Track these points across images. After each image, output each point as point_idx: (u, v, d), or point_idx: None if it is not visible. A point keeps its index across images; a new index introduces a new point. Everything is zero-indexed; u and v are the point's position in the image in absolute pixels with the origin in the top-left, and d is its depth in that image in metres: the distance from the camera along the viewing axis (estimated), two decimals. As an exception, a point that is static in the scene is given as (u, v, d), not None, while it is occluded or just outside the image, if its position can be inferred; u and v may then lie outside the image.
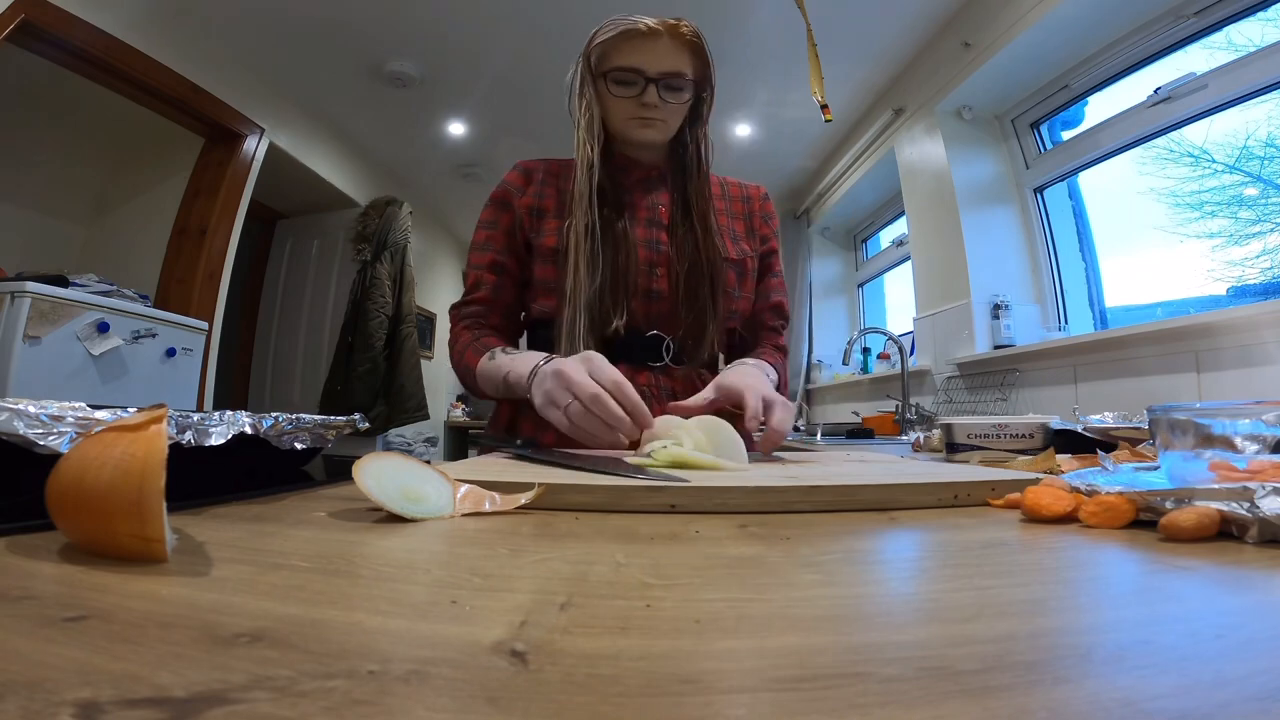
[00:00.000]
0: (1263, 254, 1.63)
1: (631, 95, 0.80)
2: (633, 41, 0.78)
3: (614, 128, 0.85)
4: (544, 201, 0.87)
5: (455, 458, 1.98)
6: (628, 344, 0.83)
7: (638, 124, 0.82)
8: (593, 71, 0.82)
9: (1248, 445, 0.33)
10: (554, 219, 0.85)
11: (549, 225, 0.85)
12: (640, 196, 0.87)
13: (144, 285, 2.32)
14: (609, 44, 0.80)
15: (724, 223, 0.90)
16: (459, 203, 4.32)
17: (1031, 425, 0.73)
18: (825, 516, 0.36)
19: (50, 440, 0.29)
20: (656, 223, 0.86)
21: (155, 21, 2.17)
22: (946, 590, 0.22)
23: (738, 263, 0.89)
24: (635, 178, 0.88)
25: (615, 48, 0.79)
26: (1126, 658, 0.15)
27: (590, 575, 0.23)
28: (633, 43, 0.78)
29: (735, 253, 0.89)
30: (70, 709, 0.11)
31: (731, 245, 0.89)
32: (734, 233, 0.91)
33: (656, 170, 0.89)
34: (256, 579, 0.21)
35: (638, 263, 0.83)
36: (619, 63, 0.79)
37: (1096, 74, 1.99)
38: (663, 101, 0.80)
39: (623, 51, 0.79)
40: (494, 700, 0.12)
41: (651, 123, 0.81)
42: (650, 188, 0.88)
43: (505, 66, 2.69)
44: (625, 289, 0.81)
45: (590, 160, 0.81)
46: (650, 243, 0.85)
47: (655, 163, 0.89)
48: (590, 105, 0.83)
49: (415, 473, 0.35)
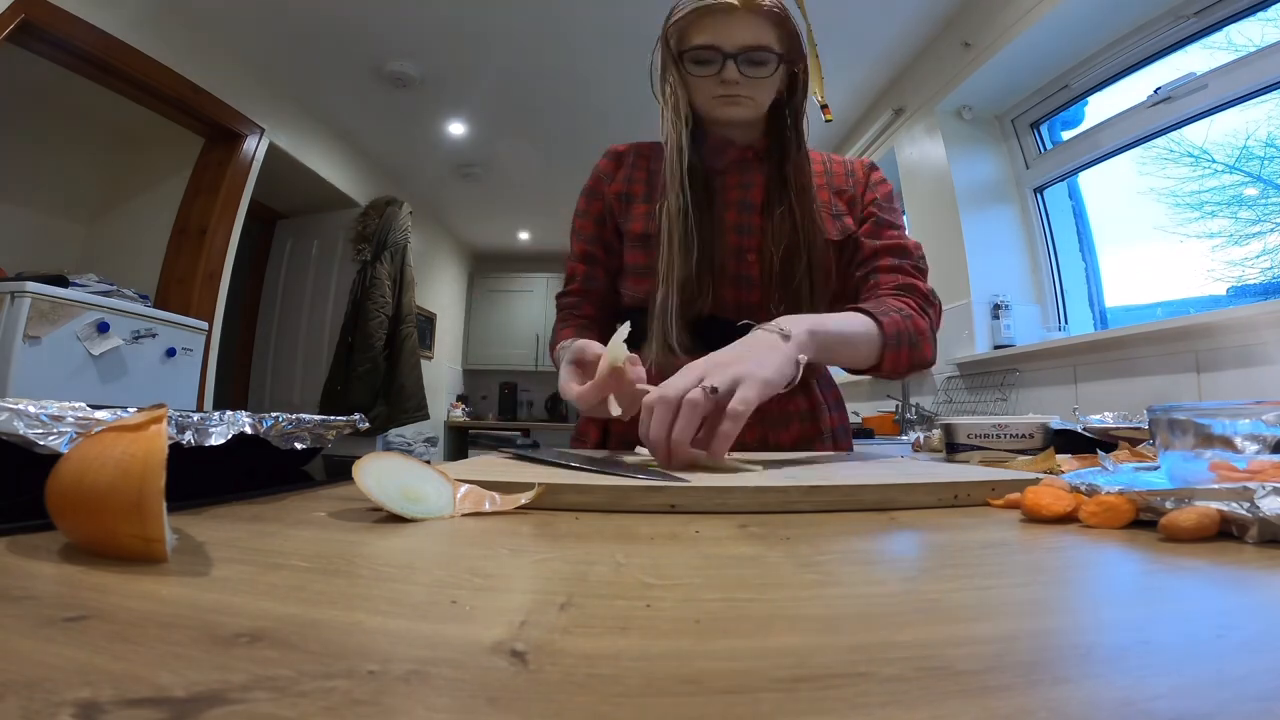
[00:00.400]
0: (1263, 254, 1.63)
1: (711, 74, 0.76)
2: (708, 18, 0.74)
3: (699, 108, 0.80)
4: (633, 187, 0.85)
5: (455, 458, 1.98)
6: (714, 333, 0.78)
7: (721, 103, 0.77)
8: (672, 52, 0.78)
9: (1248, 445, 0.33)
10: (642, 204, 0.84)
11: (637, 210, 0.84)
12: (733, 178, 0.83)
13: (144, 285, 2.32)
14: (684, 22, 0.75)
15: (825, 198, 0.84)
16: (459, 203, 4.33)
17: (1031, 425, 0.73)
18: (825, 516, 0.36)
19: (50, 440, 0.29)
20: (749, 205, 0.81)
21: (155, 21, 2.17)
22: (946, 590, 0.22)
23: (840, 244, 0.83)
24: (730, 159, 0.83)
25: (691, 25, 0.75)
26: (1126, 658, 0.15)
27: (590, 575, 0.23)
28: (708, 19, 0.74)
29: (837, 232, 0.82)
30: (70, 709, 0.11)
31: (833, 224, 0.82)
32: (836, 209, 0.84)
33: (752, 150, 0.84)
34: (256, 579, 0.21)
35: (727, 247, 0.79)
36: (695, 41, 0.75)
37: (1096, 74, 1.99)
38: (744, 78, 0.75)
39: (699, 29, 0.75)
40: (494, 700, 0.12)
41: (736, 100, 0.77)
42: (745, 168, 0.83)
43: (505, 66, 2.69)
44: (713, 274, 0.78)
45: (679, 143, 0.77)
46: (741, 227, 0.81)
47: (750, 142, 0.84)
48: (675, 87, 0.79)
49: (415, 473, 0.35)
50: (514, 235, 5.11)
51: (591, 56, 2.61)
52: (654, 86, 0.83)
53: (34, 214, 2.50)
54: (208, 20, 2.34)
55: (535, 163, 3.62)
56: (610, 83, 2.76)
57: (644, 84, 0.85)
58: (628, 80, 2.74)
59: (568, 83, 2.82)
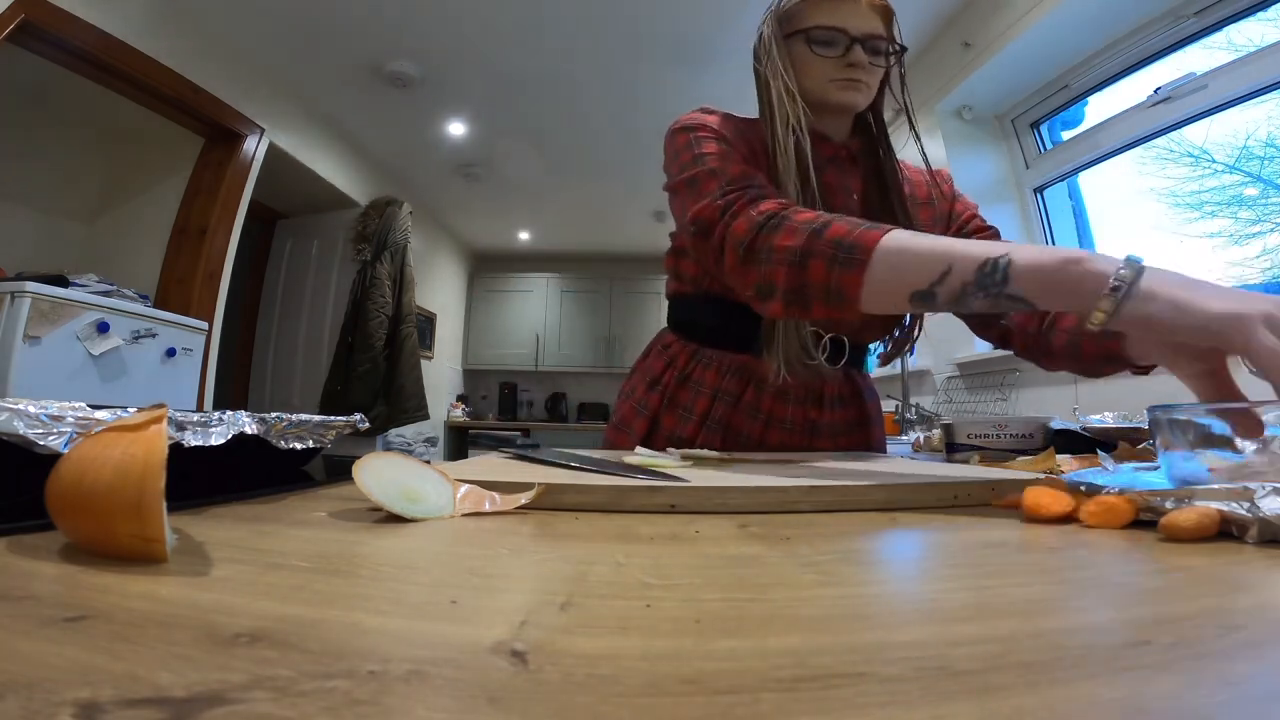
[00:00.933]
0: (1263, 254, 1.63)
1: (834, 55, 0.72)
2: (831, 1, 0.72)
3: (810, 91, 0.75)
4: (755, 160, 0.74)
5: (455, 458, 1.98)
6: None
7: (840, 85, 0.73)
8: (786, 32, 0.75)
9: (1248, 445, 0.33)
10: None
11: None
12: (833, 178, 0.78)
13: (144, 285, 2.32)
14: (806, 2, 0.73)
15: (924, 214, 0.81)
16: (459, 203, 4.33)
17: (1031, 425, 0.73)
18: (825, 516, 0.36)
19: (50, 440, 0.29)
20: (850, 210, 0.76)
21: (155, 21, 2.17)
22: (946, 590, 0.22)
23: None
24: (824, 155, 0.77)
25: (814, 6, 0.73)
26: (1126, 658, 0.15)
27: (590, 575, 0.23)
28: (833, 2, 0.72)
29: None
30: (70, 709, 0.11)
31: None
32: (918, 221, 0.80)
33: (845, 150, 0.80)
34: (256, 579, 0.21)
35: None
36: (819, 21, 0.72)
37: (1096, 74, 1.99)
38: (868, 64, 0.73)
39: (823, 10, 0.72)
40: (494, 700, 0.12)
41: (857, 85, 0.73)
42: (841, 167, 0.79)
43: (505, 66, 2.69)
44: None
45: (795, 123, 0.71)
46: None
47: (844, 140, 0.81)
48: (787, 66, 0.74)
49: (415, 473, 0.35)
50: (514, 235, 5.11)
51: (592, 57, 2.61)
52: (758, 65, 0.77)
53: (34, 214, 2.50)
54: (208, 20, 2.34)
55: (535, 163, 3.62)
56: (610, 83, 2.75)
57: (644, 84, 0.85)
58: (628, 80, 2.74)
59: (568, 83, 2.81)
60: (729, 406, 0.79)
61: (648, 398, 0.84)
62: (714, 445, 0.79)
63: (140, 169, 2.67)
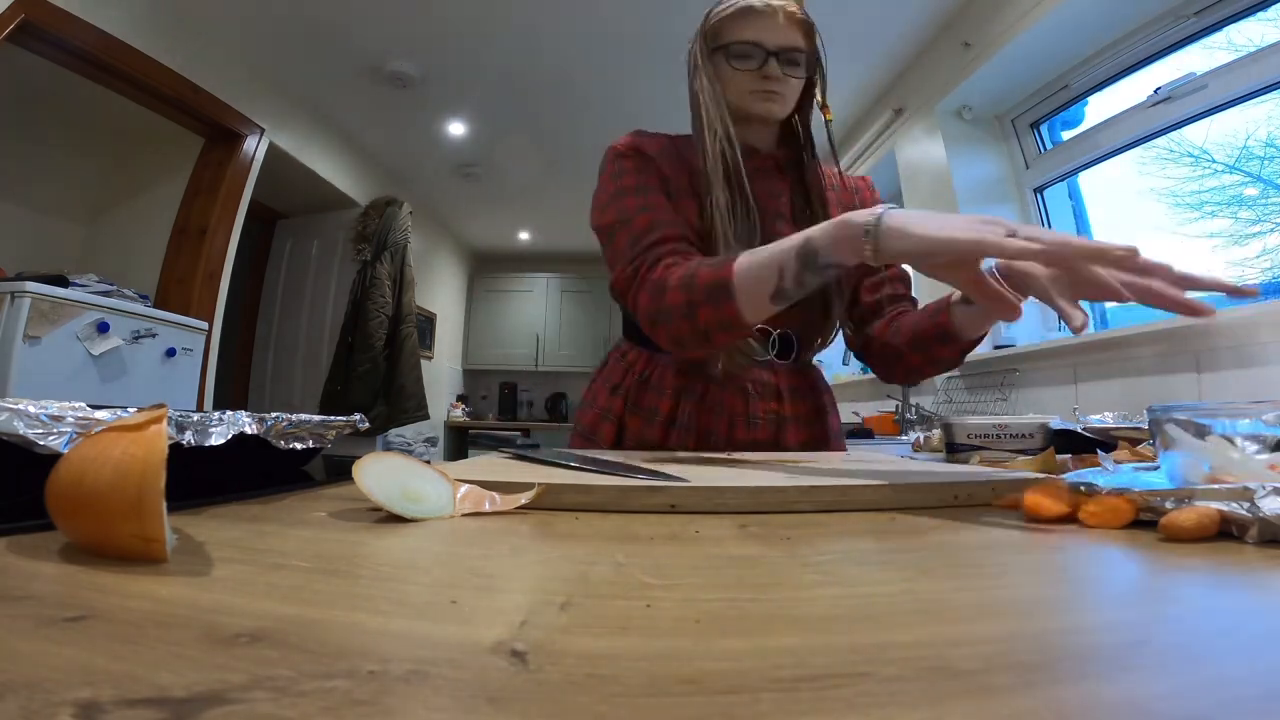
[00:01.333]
0: (1263, 254, 1.63)
1: (751, 68, 0.77)
2: (750, 16, 0.77)
3: (732, 103, 0.80)
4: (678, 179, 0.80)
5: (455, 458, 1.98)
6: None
7: (758, 97, 0.79)
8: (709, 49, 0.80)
9: (1248, 445, 0.33)
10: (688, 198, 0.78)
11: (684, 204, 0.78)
12: (763, 184, 0.82)
13: (144, 285, 2.32)
14: (726, 20, 0.78)
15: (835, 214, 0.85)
16: (459, 203, 4.33)
17: (1031, 425, 0.73)
18: (825, 516, 0.36)
19: (50, 440, 0.29)
20: (780, 215, 0.83)
21: (155, 21, 2.17)
22: (946, 590, 0.22)
23: None
24: (752, 165, 0.82)
25: (733, 22, 0.78)
26: (1126, 658, 0.15)
27: (590, 575, 0.23)
28: (749, 18, 0.77)
29: None
30: (70, 709, 0.11)
31: None
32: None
33: (772, 159, 0.85)
34: (256, 579, 0.21)
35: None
36: (737, 36, 0.78)
37: (1096, 74, 1.99)
38: (783, 75, 0.78)
39: (740, 26, 0.78)
40: (494, 700, 0.12)
41: (772, 96, 0.79)
42: (767, 177, 0.84)
43: (505, 66, 2.69)
44: None
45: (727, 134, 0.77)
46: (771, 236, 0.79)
47: (770, 150, 0.86)
48: (712, 82, 0.80)
49: (415, 473, 0.35)
50: (514, 235, 5.11)
51: (591, 56, 2.61)
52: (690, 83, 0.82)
53: (34, 214, 2.50)
54: (208, 20, 2.34)
55: (535, 163, 3.62)
56: (610, 82, 2.76)
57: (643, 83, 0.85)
58: (627, 80, 2.74)
59: (568, 83, 2.81)
60: (694, 405, 0.82)
61: (611, 403, 0.86)
62: (687, 446, 0.81)
63: (140, 169, 2.67)
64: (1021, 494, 0.35)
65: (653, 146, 0.81)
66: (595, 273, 5.21)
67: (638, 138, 0.83)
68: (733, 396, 0.82)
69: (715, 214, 0.75)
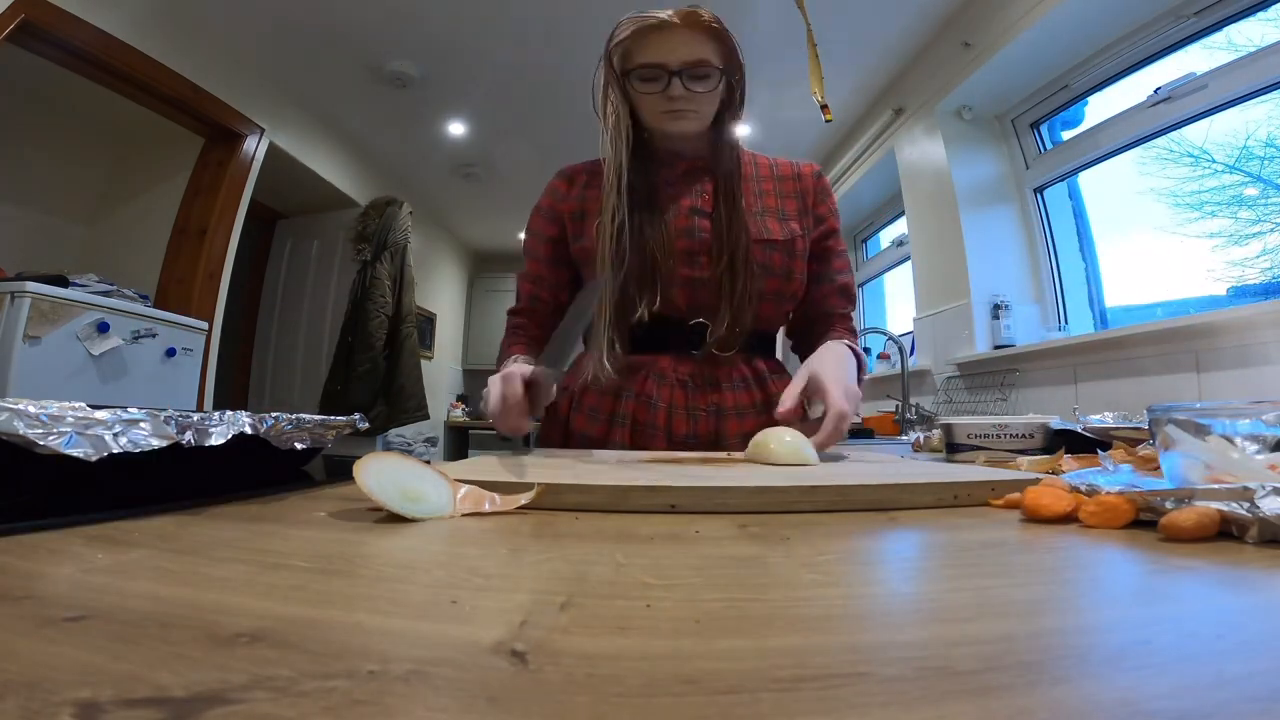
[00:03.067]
0: (1263, 254, 1.63)
1: (657, 90, 0.79)
2: (650, 36, 0.77)
3: (648, 124, 0.84)
4: (586, 205, 0.88)
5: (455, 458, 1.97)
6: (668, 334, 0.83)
7: (668, 118, 0.81)
8: (617, 71, 0.82)
9: (1248, 445, 0.33)
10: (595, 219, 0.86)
11: (589, 227, 0.86)
12: (684, 187, 0.87)
13: (144, 285, 2.32)
14: (628, 42, 0.79)
15: (772, 204, 0.88)
16: (459, 203, 4.33)
17: (1032, 425, 0.73)
18: (825, 516, 0.36)
19: (50, 440, 0.29)
20: (701, 211, 0.85)
21: (155, 21, 2.17)
22: (946, 590, 0.22)
23: (785, 243, 0.86)
24: (680, 170, 0.87)
25: (635, 44, 0.79)
26: (1126, 658, 0.15)
27: (590, 575, 0.23)
28: (651, 37, 0.78)
29: (782, 233, 0.86)
30: (70, 709, 0.11)
31: (778, 225, 0.86)
32: (783, 212, 0.88)
33: (701, 160, 0.88)
34: (256, 579, 0.21)
35: (676, 253, 0.82)
36: (640, 60, 0.79)
37: (1096, 74, 1.99)
38: (689, 92, 0.79)
39: (642, 48, 0.78)
40: (494, 700, 0.12)
41: (682, 114, 0.81)
42: (695, 178, 0.87)
43: (505, 66, 2.69)
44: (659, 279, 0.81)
45: (618, 162, 0.81)
46: (691, 231, 0.84)
47: (698, 153, 0.88)
48: (617, 106, 0.82)
49: (415, 473, 0.35)
50: (514, 235, 5.11)
51: (591, 56, 2.60)
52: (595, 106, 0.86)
53: (34, 214, 2.50)
54: (208, 20, 2.34)
55: (535, 163, 3.61)
56: (610, 83, 2.75)
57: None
58: (628, 80, 2.74)
59: (568, 83, 2.81)
60: (633, 402, 0.84)
61: (557, 404, 0.90)
62: (625, 441, 0.83)
63: (140, 169, 2.67)
64: (1021, 494, 0.35)
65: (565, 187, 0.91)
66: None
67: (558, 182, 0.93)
68: (669, 390, 0.84)
69: (599, 237, 0.81)
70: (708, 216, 0.85)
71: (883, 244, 3.37)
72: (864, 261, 3.63)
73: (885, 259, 3.32)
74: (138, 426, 0.33)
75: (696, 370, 0.84)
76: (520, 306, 0.93)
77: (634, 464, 0.54)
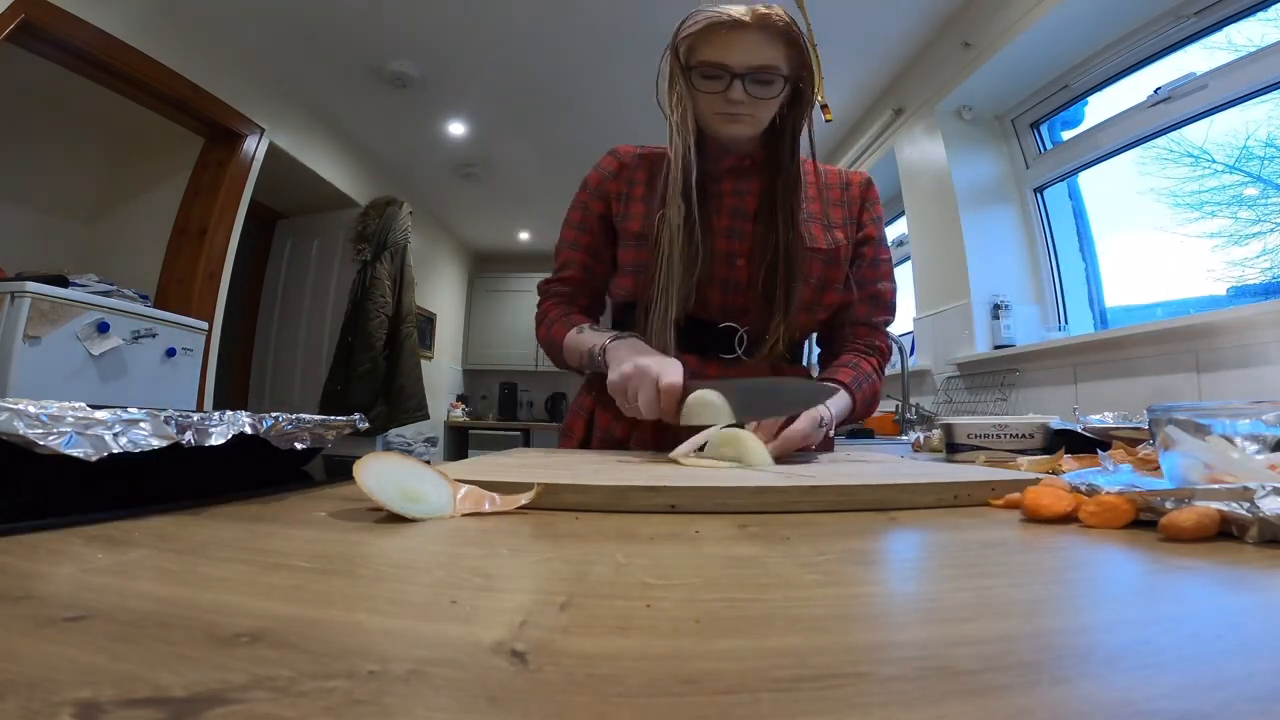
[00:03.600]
0: (1263, 254, 1.63)
1: (717, 90, 0.76)
2: (719, 34, 0.74)
3: (701, 121, 0.82)
4: (634, 188, 0.87)
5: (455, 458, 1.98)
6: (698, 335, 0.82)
7: (723, 119, 0.79)
8: (682, 64, 0.79)
9: (1248, 445, 0.33)
10: (641, 204, 0.85)
11: (635, 209, 0.85)
12: (729, 184, 0.85)
13: (144, 285, 2.32)
14: (696, 37, 0.76)
15: (816, 209, 0.86)
16: (459, 203, 4.33)
17: (1032, 425, 0.73)
18: (825, 516, 0.36)
19: (50, 440, 0.29)
20: (742, 212, 0.84)
21: (155, 21, 2.17)
22: (946, 590, 0.22)
23: (828, 252, 0.84)
24: (727, 165, 0.85)
25: (702, 40, 0.75)
26: (1126, 658, 0.15)
27: (590, 575, 0.23)
28: (719, 35, 0.74)
29: (825, 241, 0.84)
30: (70, 709, 0.11)
31: (822, 233, 0.85)
32: (828, 220, 0.86)
33: (750, 159, 0.86)
34: (256, 579, 0.21)
35: (716, 253, 0.81)
36: (705, 57, 0.76)
37: (1096, 74, 1.99)
38: (750, 97, 0.76)
39: (709, 44, 0.75)
40: (494, 700, 0.12)
41: (738, 118, 0.78)
42: (741, 175, 0.85)
43: (505, 66, 2.69)
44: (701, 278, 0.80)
45: (686, 155, 0.79)
46: (732, 232, 0.83)
47: (750, 151, 0.86)
48: (682, 98, 0.80)
49: (415, 473, 0.35)
50: (514, 235, 5.11)
51: (591, 57, 2.61)
52: (659, 95, 0.83)
53: (34, 214, 2.50)
54: (208, 20, 2.34)
55: (535, 163, 3.62)
56: (610, 83, 2.76)
57: (643, 84, 0.85)
58: (627, 80, 2.74)
59: (568, 83, 2.82)
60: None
61: (583, 399, 0.92)
62: (647, 439, 0.83)
63: (140, 169, 2.67)
64: (1021, 494, 0.35)
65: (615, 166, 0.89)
66: (595, 273, 5.21)
67: (609, 160, 0.90)
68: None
69: (664, 231, 0.79)
70: (751, 219, 0.83)
71: (883, 244, 3.37)
72: (864, 261, 3.63)
73: (885, 259, 3.32)
74: (138, 426, 0.33)
75: (722, 372, 0.83)
76: (569, 275, 0.90)
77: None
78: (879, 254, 0.91)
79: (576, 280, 0.90)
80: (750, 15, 0.73)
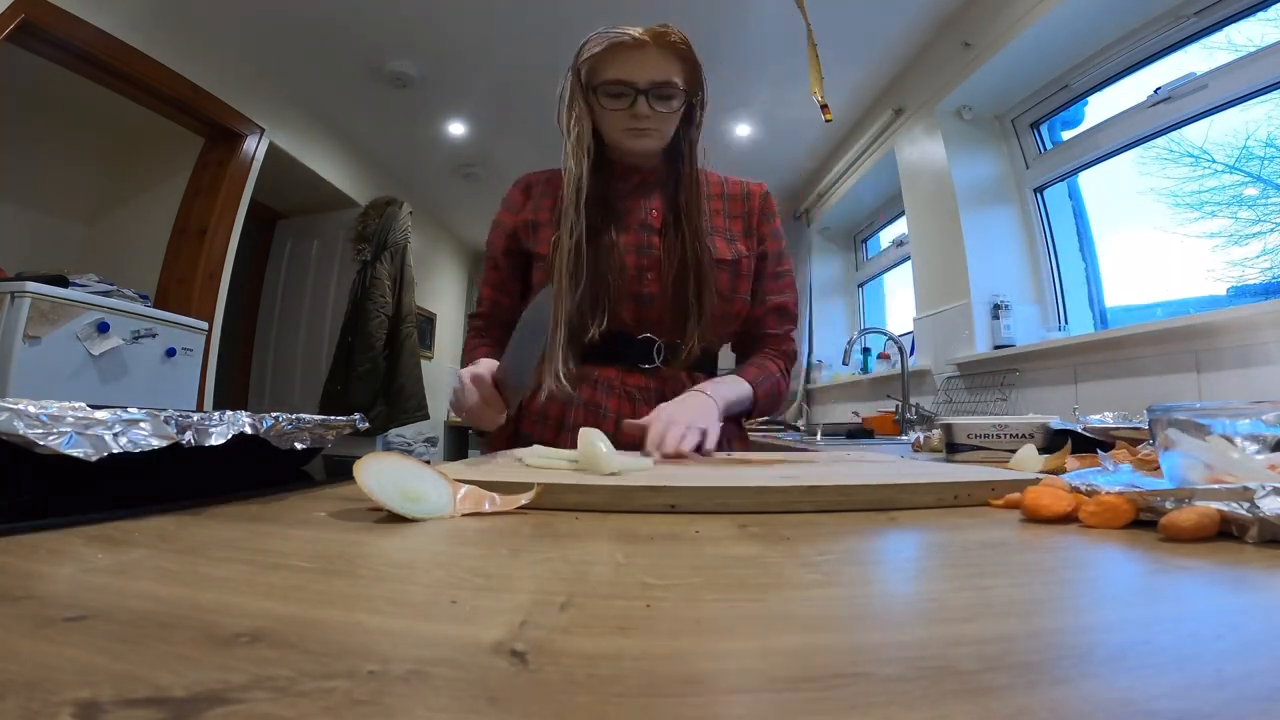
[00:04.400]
0: (1263, 254, 1.63)
1: (622, 107, 0.81)
2: (621, 53, 0.79)
3: (608, 139, 0.86)
4: (539, 214, 0.90)
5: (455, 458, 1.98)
6: (616, 348, 0.85)
7: (631, 135, 0.83)
8: (583, 85, 0.83)
9: (1248, 445, 0.33)
10: (548, 228, 0.88)
11: (544, 234, 0.88)
12: (634, 202, 0.88)
13: (144, 285, 2.32)
14: (598, 57, 0.80)
15: (720, 223, 0.90)
16: (459, 203, 4.32)
17: (1032, 425, 0.73)
18: (825, 516, 0.36)
19: (50, 440, 0.29)
20: (648, 227, 0.87)
21: (155, 21, 2.17)
22: (946, 590, 0.22)
23: (731, 263, 0.88)
24: (632, 183, 0.89)
25: (604, 60, 0.80)
26: (1126, 658, 0.15)
27: (590, 575, 0.23)
28: (621, 54, 0.79)
29: (729, 253, 0.88)
30: (70, 709, 0.11)
31: (725, 245, 0.89)
32: (730, 233, 0.91)
33: (653, 175, 0.90)
34: (256, 579, 0.21)
35: (626, 269, 0.85)
36: (609, 75, 0.81)
37: (1096, 74, 1.99)
38: (654, 111, 0.81)
39: (612, 64, 0.80)
40: (494, 700, 0.12)
41: (645, 132, 0.83)
42: (645, 192, 0.89)
43: (505, 66, 2.69)
44: (609, 296, 0.83)
45: (578, 175, 0.83)
46: (641, 247, 0.86)
47: (652, 167, 0.90)
48: (580, 119, 0.84)
49: (415, 473, 0.35)
50: (514, 235, 5.11)
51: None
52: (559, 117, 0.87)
53: (34, 214, 2.50)
54: (208, 20, 2.33)
55: (535, 162, 3.60)
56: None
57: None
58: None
59: (568, 83, 2.81)
60: (581, 410, 0.86)
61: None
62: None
63: (140, 169, 2.67)
64: (1022, 494, 0.35)
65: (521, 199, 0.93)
66: (595, 273, 5.20)
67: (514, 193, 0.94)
68: (618, 401, 0.86)
69: (555, 251, 0.83)
70: (657, 233, 0.87)
71: (883, 244, 3.37)
72: (864, 261, 3.64)
73: (885, 259, 3.32)
74: (138, 426, 0.33)
75: (643, 382, 0.86)
76: (482, 310, 0.96)
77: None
78: (780, 267, 0.95)
79: (486, 315, 0.95)
80: (649, 35, 0.79)
